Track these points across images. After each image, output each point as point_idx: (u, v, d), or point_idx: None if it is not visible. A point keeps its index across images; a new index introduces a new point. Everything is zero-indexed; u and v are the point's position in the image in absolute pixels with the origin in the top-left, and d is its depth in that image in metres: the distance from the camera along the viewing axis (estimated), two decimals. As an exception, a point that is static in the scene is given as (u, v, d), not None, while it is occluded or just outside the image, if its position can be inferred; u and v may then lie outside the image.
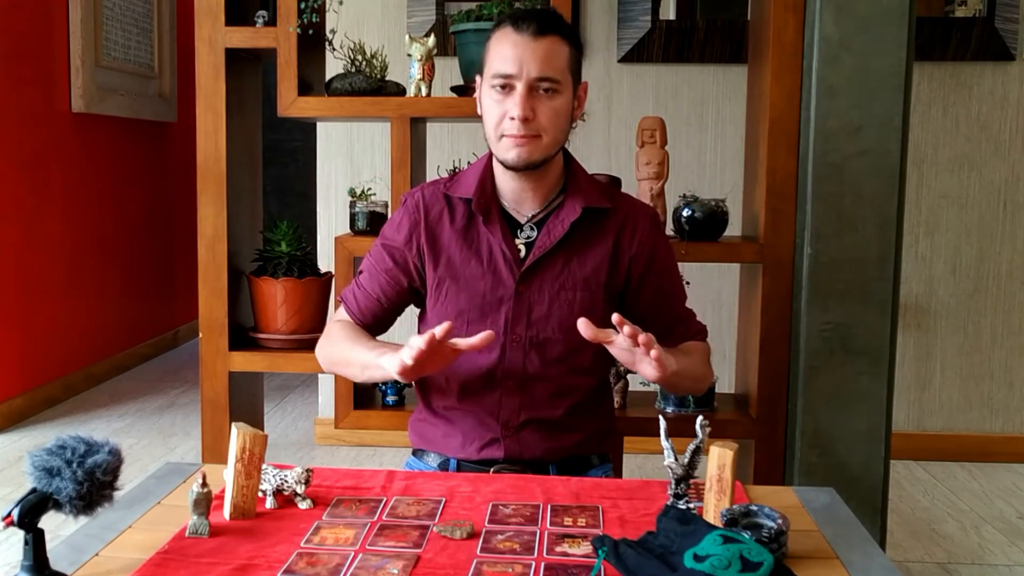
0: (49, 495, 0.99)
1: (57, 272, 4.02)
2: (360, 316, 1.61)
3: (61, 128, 4.01)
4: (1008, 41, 3.19)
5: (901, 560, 2.51)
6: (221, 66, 2.11)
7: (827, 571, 1.06)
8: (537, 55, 1.44)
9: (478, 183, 1.53)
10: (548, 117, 1.46)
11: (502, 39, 1.47)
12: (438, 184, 1.60)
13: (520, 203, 1.54)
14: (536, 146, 1.46)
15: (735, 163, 3.18)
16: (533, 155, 1.46)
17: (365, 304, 1.61)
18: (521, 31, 1.45)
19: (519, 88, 1.44)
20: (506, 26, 1.47)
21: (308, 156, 5.05)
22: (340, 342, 1.57)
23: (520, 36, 1.45)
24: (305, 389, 4.26)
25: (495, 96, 1.47)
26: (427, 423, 1.60)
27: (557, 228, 1.51)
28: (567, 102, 1.48)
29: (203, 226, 2.15)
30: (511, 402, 1.52)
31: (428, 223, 1.55)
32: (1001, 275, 3.32)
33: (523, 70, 1.44)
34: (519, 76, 1.44)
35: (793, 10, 1.98)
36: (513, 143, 1.46)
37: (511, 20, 1.47)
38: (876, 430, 1.99)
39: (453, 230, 1.54)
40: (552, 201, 1.55)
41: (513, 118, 1.44)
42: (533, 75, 1.44)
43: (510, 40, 1.45)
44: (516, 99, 1.44)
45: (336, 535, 1.12)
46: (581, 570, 1.03)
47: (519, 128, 1.44)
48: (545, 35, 1.45)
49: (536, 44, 1.44)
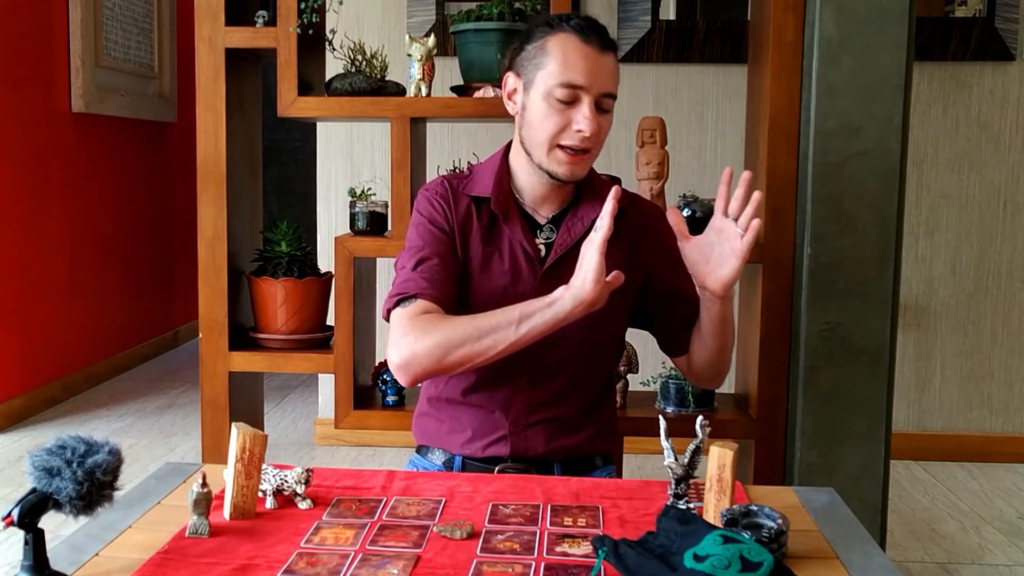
0: (49, 495, 0.99)
1: (57, 272, 4.02)
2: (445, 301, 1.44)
3: (61, 128, 4.01)
4: (1008, 41, 3.19)
5: (901, 560, 2.52)
6: (221, 66, 2.11)
7: (827, 571, 1.06)
8: (606, 70, 1.43)
9: (495, 182, 1.52)
10: (603, 132, 1.46)
11: (568, 47, 1.42)
12: (458, 179, 1.57)
13: (539, 204, 1.54)
14: (586, 161, 1.47)
15: (735, 163, 3.17)
16: (584, 171, 1.48)
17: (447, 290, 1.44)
18: (590, 43, 1.42)
19: (586, 100, 1.42)
20: (569, 32, 1.43)
21: (308, 156, 5.05)
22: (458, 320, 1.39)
23: (589, 48, 1.42)
24: (305, 389, 4.26)
25: (556, 105, 1.43)
26: (433, 418, 1.60)
27: (577, 226, 1.51)
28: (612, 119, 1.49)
29: (203, 226, 2.15)
30: (522, 399, 1.52)
31: (458, 214, 1.53)
32: (1001, 275, 3.32)
33: (593, 84, 1.42)
34: (589, 90, 1.42)
35: (793, 10, 1.98)
36: (568, 158, 1.44)
37: (575, 29, 1.43)
38: (876, 430, 1.99)
39: (479, 226, 1.53)
40: (569, 202, 1.55)
41: (580, 130, 1.42)
42: (602, 91, 1.43)
43: (580, 51, 1.42)
44: (585, 112, 1.42)
45: (336, 535, 1.12)
46: (581, 570, 1.03)
47: (583, 141, 1.43)
48: (609, 50, 1.45)
49: (604, 59, 1.43)
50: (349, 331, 2.11)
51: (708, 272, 1.41)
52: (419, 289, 1.43)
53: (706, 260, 1.41)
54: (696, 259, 1.42)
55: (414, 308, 1.41)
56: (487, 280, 1.51)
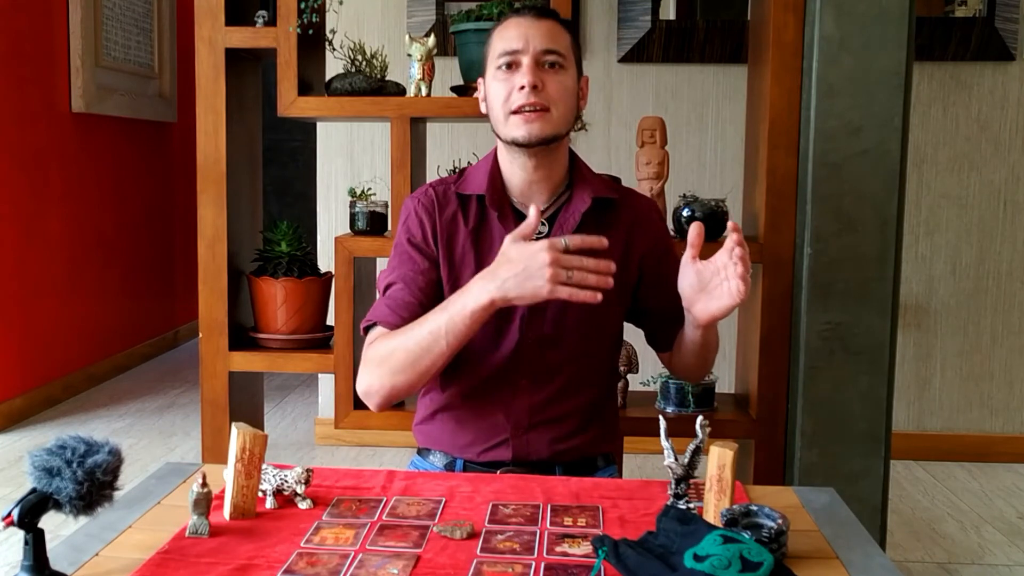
0: (49, 495, 0.99)
1: (57, 272, 4.02)
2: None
3: (61, 128, 4.01)
4: (1008, 41, 3.19)
5: (901, 560, 2.52)
6: (221, 66, 2.11)
7: (827, 571, 1.06)
8: (541, 31, 1.47)
9: (488, 179, 1.53)
10: (556, 90, 1.46)
11: (505, 25, 1.51)
12: (446, 183, 1.58)
13: (529, 197, 1.53)
14: (547, 120, 1.46)
15: (735, 163, 3.18)
16: (545, 130, 1.46)
17: (408, 315, 1.47)
18: (523, 15, 1.49)
19: (525, 61, 1.46)
20: (507, 16, 1.52)
21: (308, 156, 5.05)
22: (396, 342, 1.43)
23: (523, 18, 1.49)
24: (305, 389, 4.26)
25: (501, 76, 1.48)
26: (434, 422, 1.59)
27: (569, 220, 1.51)
28: (573, 81, 1.50)
29: (203, 226, 2.15)
30: (523, 402, 1.51)
31: (443, 221, 1.54)
32: (1001, 275, 3.32)
33: (528, 44, 1.46)
34: (525, 50, 1.46)
35: (793, 10, 1.98)
36: (523, 119, 1.45)
37: (513, 11, 1.52)
38: (876, 430, 1.99)
39: (467, 229, 1.53)
40: (560, 195, 1.55)
41: (523, 87, 1.44)
42: (539, 48, 1.46)
43: (513, 23, 1.49)
44: (524, 70, 1.45)
45: (336, 535, 1.12)
46: (581, 570, 1.03)
47: (528, 96, 1.44)
48: (546, 18, 1.50)
49: (539, 22, 1.48)
50: (349, 331, 2.11)
51: (699, 300, 1.40)
52: (381, 317, 1.49)
53: (702, 287, 1.39)
54: (692, 282, 1.40)
55: (374, 337, 1.48)
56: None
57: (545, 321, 1.50)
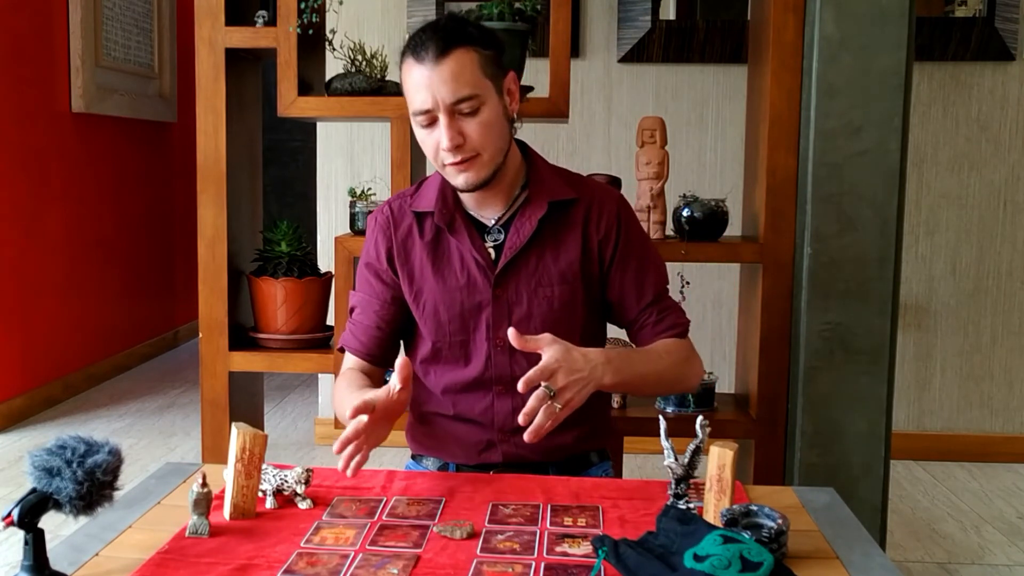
0: (49, 495, 0.99)
1: (57, 272, 4.02)
2: (366, 353, 1.56)
3: (61, 128, 4.01)
4: (1008, 41, 3.19)
5: (901, 560, 2.52)
6: (221, 66, 2.11)
7: (827, 571, 1.06)
8: (444, 78, 1.38)
9: (438, 195, 1.52)
10: (479, 133, 1.41)
11: (409, 72, 1.42)
12: (403, 197, 1.58)
13: (483, 207, 1.52)
14: (479, 164, 1.43)
15: (735, 163, 3.18)
16: (481, 175, 1.44)
17: (366, 339, 1.55)
18: (422, 59, 1.39)
19: (441, 118, 1.40)
20: (408, 57, 1.42)
21: (308, 156, 5.05)
22: (339, 394, 1.50)
23: (422, 66, 1.39)
24: (305, 389, 4.26)
25: (421, 132, 1.44)
26: (422, 429, 1.60)
27: (525, 226, 1.49)
28: (494, 109, 1.43)
29: (203, 226, 2.15)
30: (504, 406, 1.51)
31: (398, 238, 1.54)
32: (1001, 275, 3.32)
33: (437, 100, 1.39)
34: (436, 107, 1.40)
35: (793, 10, 1.98)
36: (456, 170, 1.44)
37: (411, 49, 1.42)
38: (876, 430, 1.99)
39: (423, 243, 1.52)
40: (516, 199, 1.53)
41: (445, 148, 1.41)
42: (448, 101, 1.39)
43: (415, 73, 1.41)
44: (441, 129, 1.41)
45: (336, 535, 1.12)
46: (581, 570, 1.03)
47: (453, 155, 1.42)
48: (447, 53, 1.39)
49: (440, 68, 1.38)
50: (349, 331, 2.11)
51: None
52: (346, 342, 1.59)
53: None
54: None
55: (345, 361, 1.59)
56: (443, 293, 1.50)
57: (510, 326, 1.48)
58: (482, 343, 1.50)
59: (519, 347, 1.32)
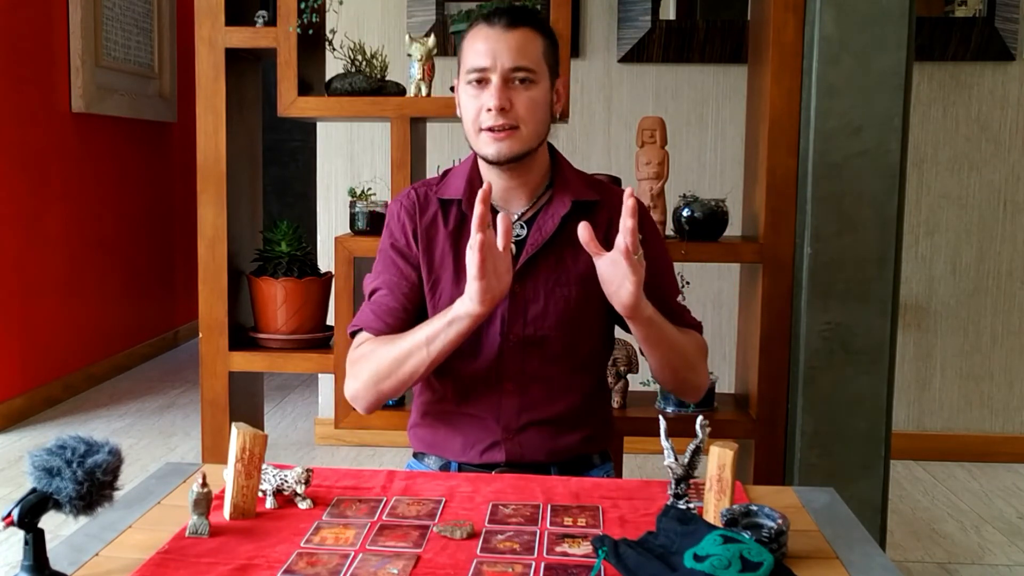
0: (49, 495, 0.99)
1: (57, 272, 4.02)
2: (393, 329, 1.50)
3: (61, 128, 4.01)
4: (1008, 41, 3.19)
5: (901, 560, 2.52)
6: (221, 66, 2.11)
7: (827, 571, 1.06)
8: (510, 46, 1.43)
9: (466, 184, 1.52)
10: (526, 107, 1.44)
11: (475, 35, 1.46)
12: (429, 185, 1.58)
13: (508, 201, 1.53)
14: (516, 138, 1.45)
15: (735, 163, 3.18)
16: (513, 148, 1.45)
17: (392, 320, 1.50)
18: (493, 24, 1.45)
19: (494, 80, 1.43)
20: (479, 22, 1.47)
21: (308, 156, 5.05)
22: (380, 351, 1.46)
23: (492, 29, 1.45)
24: (305, 389, 4.26)
25: (471, 91, 1.46)
26: (426, 428, 1.59)
27: (547, 224, 1.50)
28: (544, 93, 1.48)
29: (203, 226, 2.15)
30: (511, 404, 1.51)
31: (423, 224, 1.54)
32: (1001, 275, 3.32)
33: (496, 62, 1.43)
34: (493, 68, 1.43)
35: (793, 10, 1.98)
36: (492, 137, 1.44)
37: (483, 17, 1.47)
38: (876, 430, 1.99)
39: (446, 232, 1.53)
40: (540, 197, 1.54)
41: (490, 109, 1.43)
42: (507, 66, 1.43)
43: (483, 35, 1.45)
44: (492, 90, 1.43)
45: (336, 535, 1.12)
46: (581, 570, 1.03)
47: (496, 119, 1.43)
48: (517, 27, 1.45)
49: (509, 35, 1.44)
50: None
51: (612, 293, 1.37)
52: (365, 323, 1.52)
53: (611, 280, 1.36)
54: (604, 277, 1.37)
55: (360, 342, 1.52)
56: (461, 284, 1.48)
57: (526, 324, 1.50)
58: (495, 337, 1.49)
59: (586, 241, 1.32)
